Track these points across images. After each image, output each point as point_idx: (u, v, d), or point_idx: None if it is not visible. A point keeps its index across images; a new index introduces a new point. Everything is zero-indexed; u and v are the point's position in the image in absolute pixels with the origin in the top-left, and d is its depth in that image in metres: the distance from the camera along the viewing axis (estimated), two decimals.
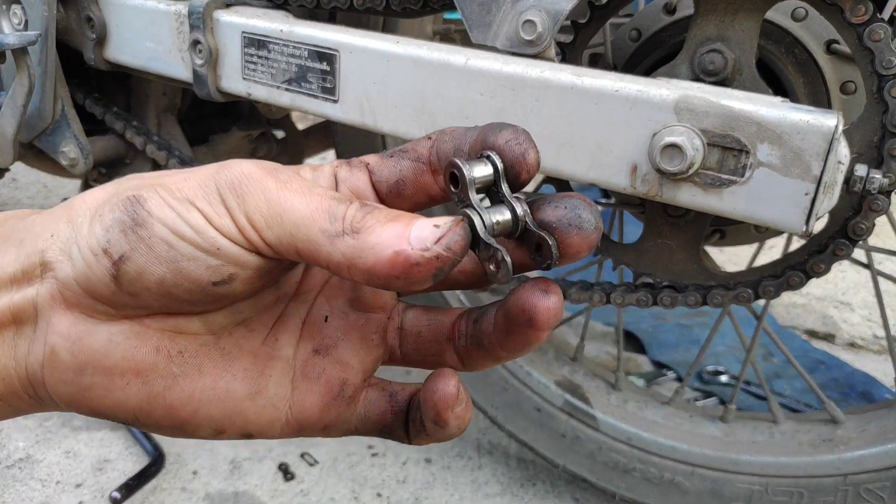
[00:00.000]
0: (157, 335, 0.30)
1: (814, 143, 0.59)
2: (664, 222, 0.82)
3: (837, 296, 1.71)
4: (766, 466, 0.92)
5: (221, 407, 0.31)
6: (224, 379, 0.31)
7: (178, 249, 0.27)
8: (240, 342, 0.32)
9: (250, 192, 0.27)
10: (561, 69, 0.65)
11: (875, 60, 0.65)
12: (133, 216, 0.27)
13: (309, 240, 0.27)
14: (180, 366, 0.30)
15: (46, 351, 0.29)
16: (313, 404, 0.32)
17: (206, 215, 0.27)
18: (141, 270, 0.27)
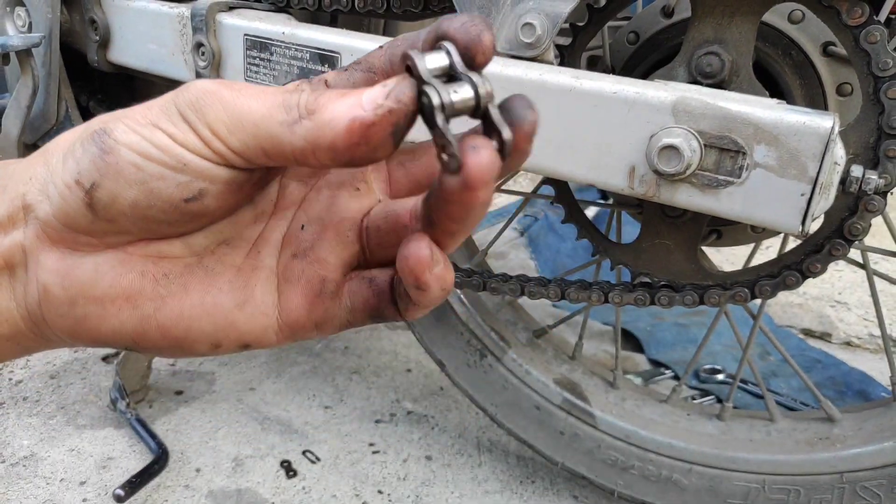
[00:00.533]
0: (141, 261, 0.31)
1: (810, 145, 0.59)
2: (662, 223, 0.82)
3: (834, 295, 1.72)
4: (763, 464, 0.93)
5: (212, 321, 0.32)
6: (210, 294, 0.32)
7: (146, 170, 0.28)
8: (222, 259, 0.33)
9: (209, 104, 0.28)
10: (560, 72, 0.66)
11: (871, 62, 0.65)
12: (101, 145, 0.29)
13: (270, 135, 0.28)
14: (166, 287, 0.31)
15: (39, 289, 0.31)
16: (299, 305, 0.33)
17: (169, 134, 0.28)
18: (113, 195, 0.29)
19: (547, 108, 0.66)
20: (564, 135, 0.66)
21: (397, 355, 1.48)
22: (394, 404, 1.32)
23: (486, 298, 1.12)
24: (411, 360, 1.47)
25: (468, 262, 1.13)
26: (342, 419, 1.27)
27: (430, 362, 1.41)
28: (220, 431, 1.21)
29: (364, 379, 1.39)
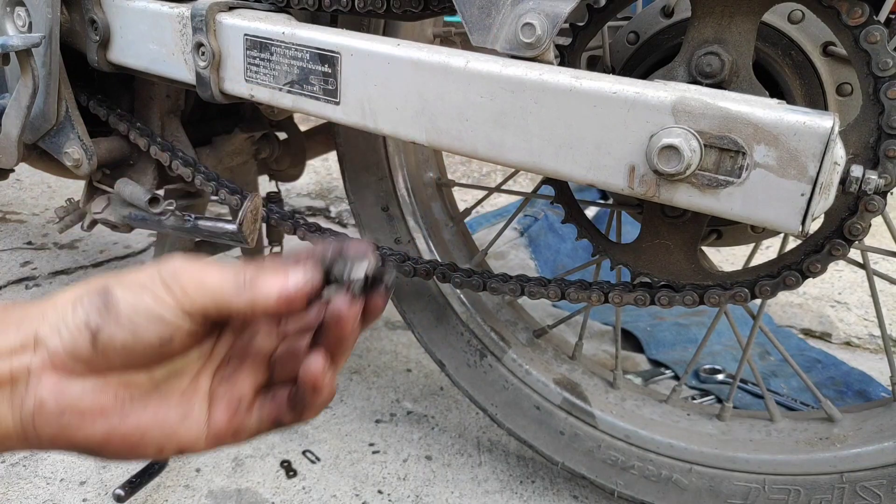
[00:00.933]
0: (115, 386, 0.42)
1: (810, 145, 0.59)
2: (662, 223, 0.82)
3: (834, 295, 1.72)
4: (763, 464, 0.93)
5: (161, 431, 0.43)
6: (161, 410, 0.44)
7: (135, 321, 0.40)
8: (173, 385, 0.45)
9: (183, 274, 0.41)
10: (560, 72, 0.66)
11: (871, 62, 0.65)
12: (104, 300, 0.41)
13: (224, 298, 0.41)
14: (131, 405, 0.42)
15: (36, 401, 0.40)
16: (222, 418, 0.46)
17: (154, 296, 0.41)
18: (111, 337, 0.40)
19: (547, 108, 0.66)
20: (564, 135, 0.66)
21: (397, 355, 1.48)
22: (394, 404, 1.32)
23: (486, 298, 1.12)
24: (411, 360, 1.47)
25: (468, 262, 1.13)
26: (342, 419, 1.27)
27: (431, 362, 1.41)
28: None
29: (364, 379, 1.40)
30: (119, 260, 1.79)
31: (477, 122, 0.69)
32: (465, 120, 0.70)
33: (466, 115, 0.69)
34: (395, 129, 0.74)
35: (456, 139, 0.71)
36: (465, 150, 0.71)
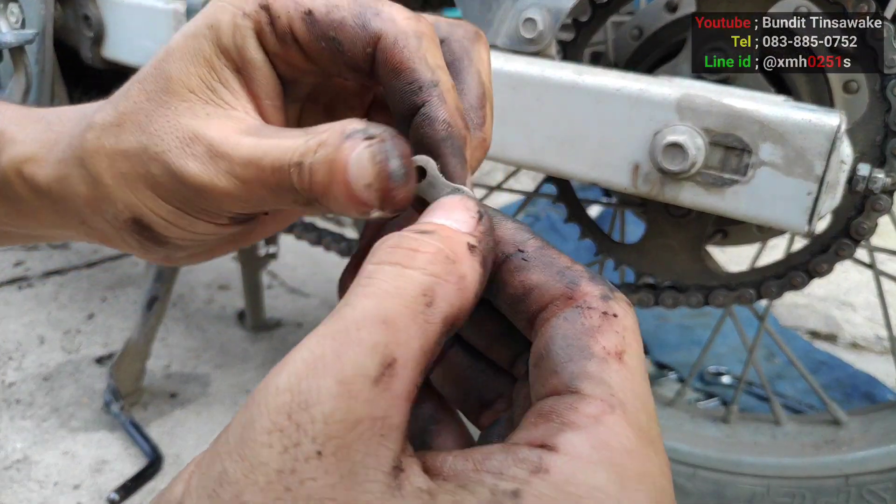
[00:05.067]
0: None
1: (816, 143, 0.58)
2: (666, 222, 0.81)
3: (840, 296, 1.71)
4: (769, 468, 0.92)
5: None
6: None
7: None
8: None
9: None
10: (562, 67, 0.65)
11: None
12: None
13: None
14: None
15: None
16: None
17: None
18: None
19: (549, 104, 0.65)
20: (567, 132, 0.65)
21: None
22: None
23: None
24: None
25: None
26: None
27: None
28: (216, 434, 1.19)
29: None
30: (113, 260, 1.78)
31: None
32: None
33: None
34: None
35: None
36: None
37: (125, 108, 0.31)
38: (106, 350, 1.41)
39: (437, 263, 0.23)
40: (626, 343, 0.24)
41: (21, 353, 1.39)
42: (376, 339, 0.21)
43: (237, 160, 0.29)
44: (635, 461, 0.22)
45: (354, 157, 0.26)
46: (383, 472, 0.20)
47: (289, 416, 0.20)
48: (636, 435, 0.22)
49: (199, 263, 0.37)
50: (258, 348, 1.45)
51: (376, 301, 0.22)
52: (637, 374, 0.24)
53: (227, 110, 0.30)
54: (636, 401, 0.23)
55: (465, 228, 0.26)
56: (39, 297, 1.60)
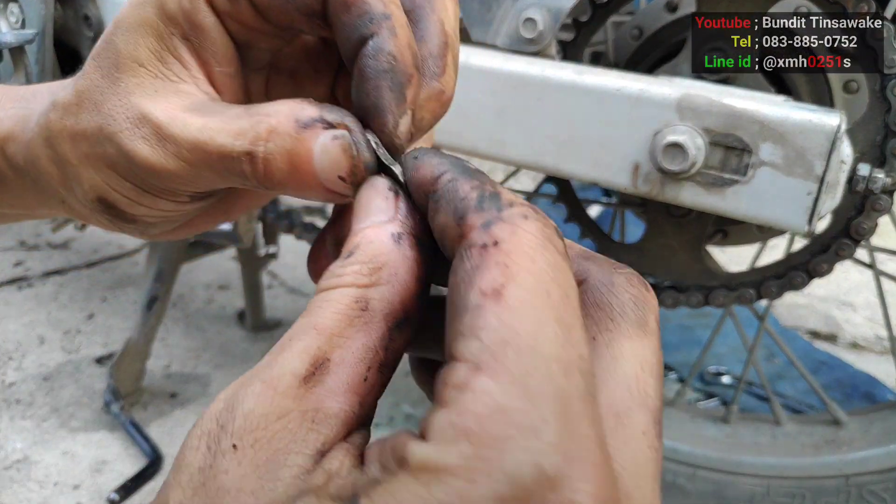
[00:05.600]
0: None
1: (816, 143, 0.59)
2: (666, 222, 0.81)
3: (840, 296, 1.71)
4: (769, 468, 0.92)
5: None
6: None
7: None
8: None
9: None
10: (562, 67, 0.65)
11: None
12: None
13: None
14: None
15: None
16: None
17: None
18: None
19: (549, 104, 0.65)
20: (567, 132, 0.65)
21: None
22: (393, 408, 1.30)
23: None
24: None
25: None
26: None
27: None
28: None
29: None
30: (113, 260, 1.78)
31: (477, 118, 0.68)
32: (465, 117, 0.68)
33: (466, 112, 0.68)
34: None
35: (455, 136, 0.70)
36: (465, 148, 0.70)
37: (82, 87, 0.30)
38: (106, 350, 1.40)
39: (362, 276, 0.24)
40: (508, 274, 0.20)
41: (21, 353, 1.39)
42: (306, 343, 0.22)
43: (184, 144, 0.28)
44: (501, 423, 0.18)
45: (320, 150, 0.26)
46: (304, 455, 0.21)
47: (217, 419, 0.21)
48: (507, 390, 0.18)
49: (182, 239, 0.37)
50: (258, 348, 1.45)
51: (311, 317, 0.23)
52: (523, 308, 0.19)
53: (176, 83, 0.29)
54: (515, 344, 0.19)
55: (386, 217, 0.25)
56: (39, 297, 1.60)
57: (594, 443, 0.18)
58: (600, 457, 0.18)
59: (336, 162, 0.26)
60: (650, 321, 0.25)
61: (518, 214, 0.22)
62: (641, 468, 0.22)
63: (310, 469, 0.21)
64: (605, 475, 0.18)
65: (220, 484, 0.20)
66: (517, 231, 0.21)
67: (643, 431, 0.23)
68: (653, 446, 0.23)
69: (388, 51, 0.26)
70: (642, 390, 0.23)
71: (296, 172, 0.26)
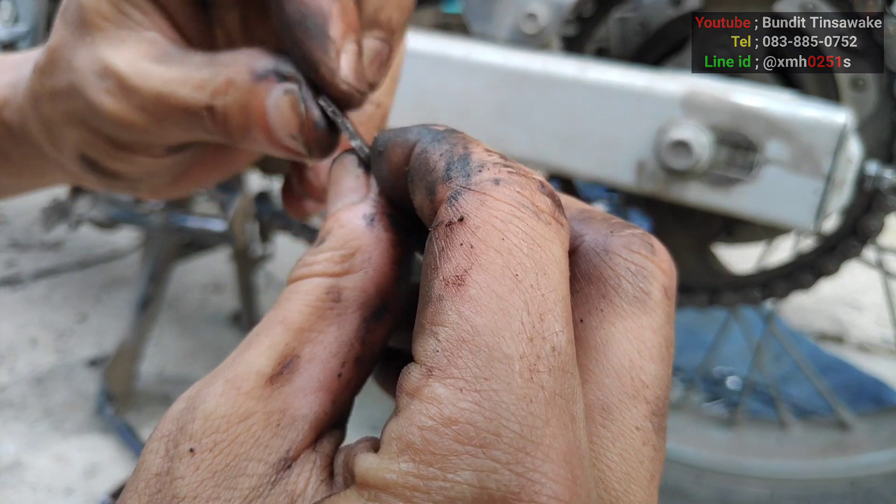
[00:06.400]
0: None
1: (824, 140, 0.58)
2: (671, 221, 0.80)
3: (847, 297, 1.70)
4: (775, 472, 0.91)
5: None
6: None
7: None
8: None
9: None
10: (565, 62, 0.63)
11: (885, 56, 0.63)
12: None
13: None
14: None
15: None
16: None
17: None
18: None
19: (552, 100, 0.63)
20: (570, 128, 0.63)
21: None
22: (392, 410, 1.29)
23: None
24: None
25: None
26: None
27: None
28: None
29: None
30: (106, 262, 1.77)
31: (478, 115, 0.67)
32: (465, 113, 0.67)
33: (467, 108, 0.67)
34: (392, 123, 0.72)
35: None
36: None
37: (54, 45, 0.30)
38: (99, 352, 1.39)
39: (333, 264, 0.22)
40: (473, 256, 0.18)
41: (13, 355, 1.38)
42: (273, 339, 0.21)
43: (147, 96, 0.27)
44: (443, 439, 0.16)
45: (272, 104, 0.25)
46: (267, 463, 0.19)
47: (177, 421, 0.20)
48: (456, 399, 0.16)
49: (184, 194, 0.36)
50: None
51: (279, 310, 0.22)
52: (482, 299, 0.17)
53: (139, 32, 0.28)
54: (471, 344, 0.17)
55: (357, 196, 0.24)
56: (31, 298, 1.59)
57: (559, 454, 0.16)
58: (567, 470, 0.16)
59: (287, 119, 0.25)
60: (653, 293, 0.21)
61: (488, 180, 0.19)
62: (633, 469, 0.19)
63: (272, 479, 0.19)
64: (573, 491, 0.15)
65: (174, 491, 0.18)
66: (486, 201, 0.18)
67: (636, 427, 0.19)
68: (649, 443, 0.20)
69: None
70: (637, 379, 0.20)
71: (253, 128, 0.25)
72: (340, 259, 0.22)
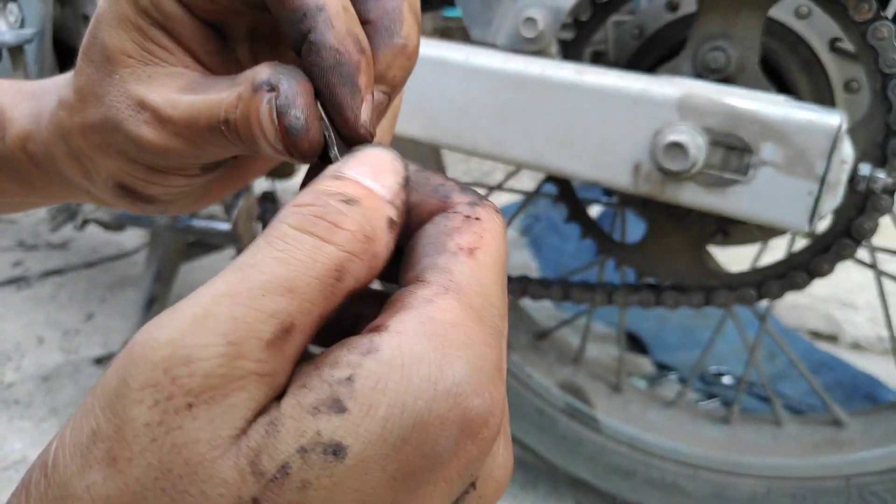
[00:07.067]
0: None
1: (817, 142, 0.58)
2: (667, 222, 0.81)
3: (841, 296, 1.70)
4: (770, 469, 0.92)
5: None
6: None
7: None
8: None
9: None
10: (563, 66, 0.64)
11: (879, 59, 0.64)
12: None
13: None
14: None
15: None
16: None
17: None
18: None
19: (550, 104, 0.64)
20: (567, 131, 0.64)
21: None
22: None
23: None
24: None
25: None
26: None
27: None
28: None
29: None
30: (112, 260, 1.78)
31: (478, 118, 0.68)
32: (465, 116, 0.68)
33: (467, 111, 0.68)
34: None
35: (456, 136, 0.69)
36: (466, 147, 0.70)
37: (81, 84, 0.32)
38: (105, 350, 1.40)
39: (354, 242, 0.24)
40: (482, 241, 0.25)
41: (20, 353, 1.39)
42: (279, 306, 0.22)
43: (179, 121, 0.29)
44: (458, 332, 0.22)
45: (262, 112, 0.27)
46: (256, 402, 0.21)
47: (165, 370, 0.20)
48: (465, 312, 0.23)
49: (204, 207, 0.40)
50: None
51: (287, 270, 0.22)
52: (486, 268, 0.25)
53: (166, 67, 0.31)
54: (475, 287, 0.24)
55: (389, 196, 0.26)
56: (38, 297, 1.60)
57: (505, 367, 0.25)
58: (502, 367, 0.25)
59: (269, 125, 0.27)
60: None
61: (493, 207, 0.27)
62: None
63: (254, 417, 0.21)
64: (504, 385, 0.24)
65: (174, 440, 0.20)
66: (493, 217, 0.26)
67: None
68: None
69: (329, 45, 0.27)
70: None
71: (255, 135, 0.28)
72: (363, 239, 0.24)
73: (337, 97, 0.27)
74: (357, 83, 0.27)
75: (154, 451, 0.20)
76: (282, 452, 0.20)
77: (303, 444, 0.20)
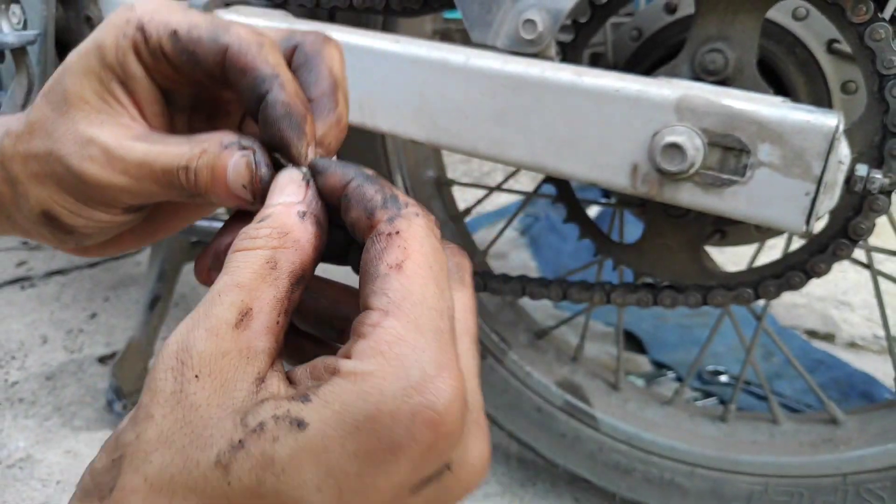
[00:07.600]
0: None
1: (814, 143, 0.58)
2: (665, 222, 0.81)
3: (838, 296, 1.71)
4: (767, 466, 0.92)
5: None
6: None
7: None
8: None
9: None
10: (561, 68, 0.65)
11: (876, 60, 0.64)
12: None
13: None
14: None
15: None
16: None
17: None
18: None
19: (548, 105, 0.65)
20: (566, 133, 0.65)
21: None
22: None
23: (486, 299, 1.11)
24: None
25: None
26: None
27: None
28: None
29: None
30: (115, 260, 1.79)
31: (477, 119, 0.68)
32: (465, 117, 0.69)
33: (467, 113, 0.68)
34: (394, 128, 0.74)
35: (456, 137, 0.70)
36: (466, 149, 0.70)
37: (34, 118, 0.37)
38: (108, 349, 1.41)
39: (274, 238, 0.31)
40: (406, 253, 0.29)
41: (24, 352, 1.40)
42: (233, 298, 0.29)
43: (130, 162, 0.35)
44: (401, 346, 0.28)
45: (232, 164, 0.34)
46: (248, 382, 0.29)
47: (177, 357, 0.29)
48: (404, 326, 0.28)
49: (109, 256, 0.47)
50: None
51: (233, 275, 0.30)
52: (415, 277, 0.29)
53: (116, 117, 0.37)
54: (409, 298, 0.28)
55: (296, 198, 0.33)
56: (42, 296, 1.61)
57: (453, 360, 0.28)
58: (457, 367, 0.28)
59: (240, 174, 0.34)
60: (466, 278, 0.34)
61: (412, 213, 0.31)
62: (471, 370, 0.31)
63: (254, 391, 0.29)
64: (460, 377, 0.28)
65: (191, 402, 0.28)
66: (412, 224, 0.30)
67: (467, 349, 0.32)
68: (476, 357, 0.33)
69: (282, 101, 0.34)
70: (467, 323, 0.32)
71: (216, 181, 0.35)
72: (278, 236, 0.31)
73: (286, 139, 0.34)
74: (303, 129, 0.34)
75: (178, 409, 0.28)
76: (261, 415, 0.27)
77: (276, 414, 0.27)
